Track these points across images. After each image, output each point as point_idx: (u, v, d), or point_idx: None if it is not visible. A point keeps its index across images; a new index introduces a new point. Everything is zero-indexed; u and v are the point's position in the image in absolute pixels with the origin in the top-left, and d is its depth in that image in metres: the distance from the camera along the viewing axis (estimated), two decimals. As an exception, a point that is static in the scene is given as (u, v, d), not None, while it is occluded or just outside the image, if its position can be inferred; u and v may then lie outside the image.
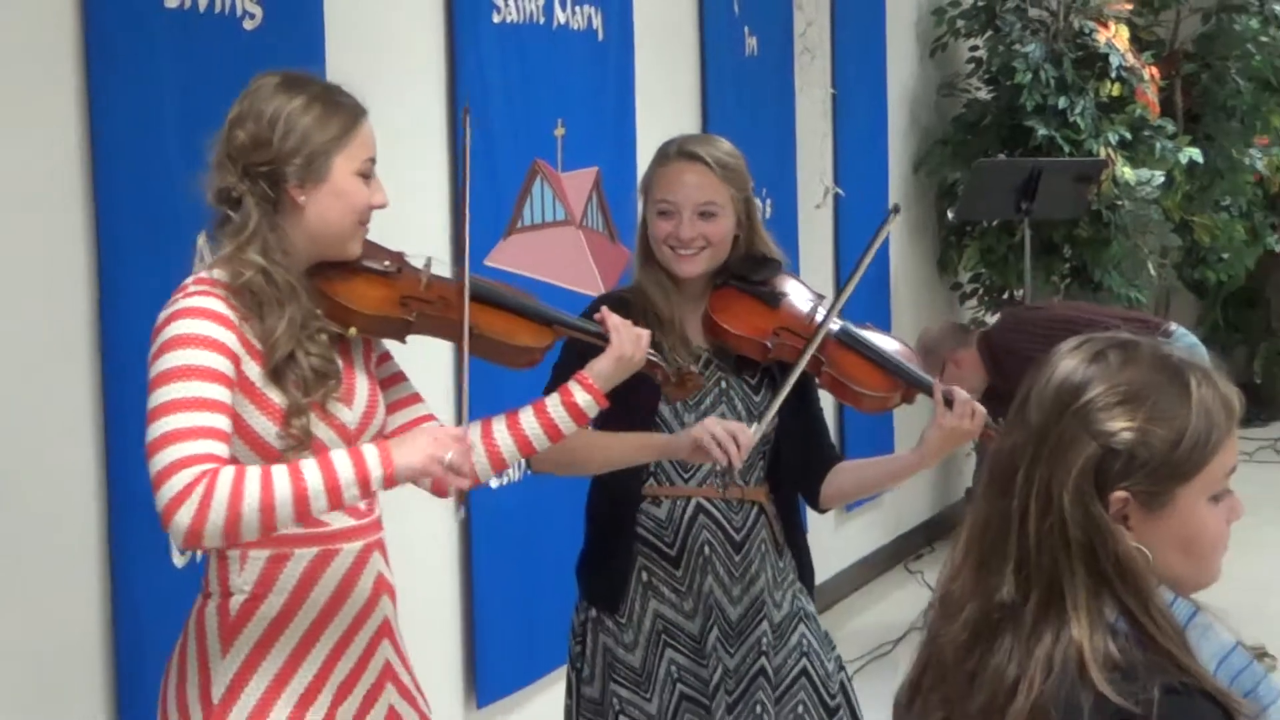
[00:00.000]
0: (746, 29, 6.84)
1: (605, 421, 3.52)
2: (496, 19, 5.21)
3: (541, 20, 5.45)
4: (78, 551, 3.93)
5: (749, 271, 3.59)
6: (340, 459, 2.75)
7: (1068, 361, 2.08)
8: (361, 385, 2.94)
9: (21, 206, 3.75)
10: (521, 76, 5.32)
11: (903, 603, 7.53)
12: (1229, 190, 10.52)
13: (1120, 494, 1.99)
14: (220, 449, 2.69)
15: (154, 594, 4.05)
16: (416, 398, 3.07)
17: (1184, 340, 6.46)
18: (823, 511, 3.94)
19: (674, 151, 3.60)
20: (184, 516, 2.61)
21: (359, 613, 2.93)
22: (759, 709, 3.58)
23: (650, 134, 5.39)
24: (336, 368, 2.88)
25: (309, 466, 2.72)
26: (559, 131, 5.43)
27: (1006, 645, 2.03)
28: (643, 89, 6.05)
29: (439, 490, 3.03)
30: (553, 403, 3.00)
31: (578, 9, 5.69)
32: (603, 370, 3.04)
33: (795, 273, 3.77)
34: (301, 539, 2.90)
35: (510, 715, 5.35)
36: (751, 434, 3.50)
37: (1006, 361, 6.15)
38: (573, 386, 3.01)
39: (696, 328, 3.55)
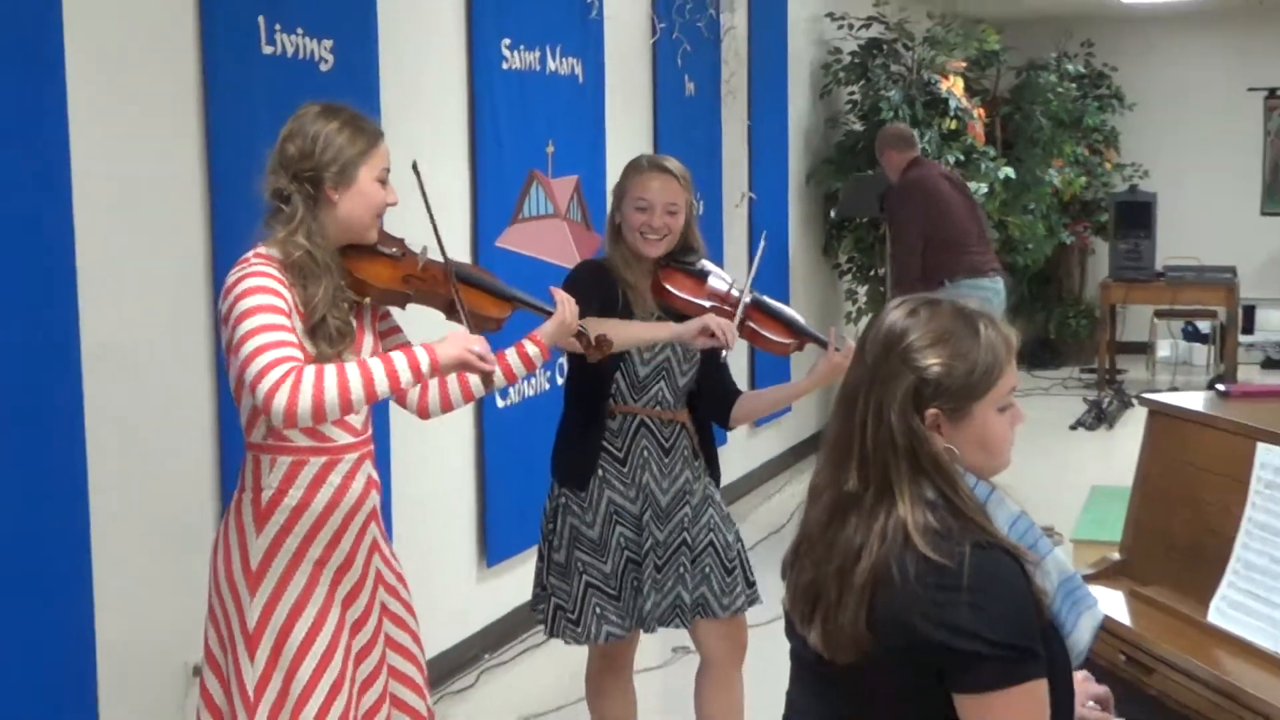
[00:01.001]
0: (686, 76, 6.87)
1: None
2: (505, 66, 5.32)
3: (537, 68, 5.52)
4: (197, 450, 3.89)
5: (684, 256, 3.59)
6: (396, 356, 2.79)
7: (892, 315, 2.17)
8: (367, 340, 3.01)
9: (162, 197, 3.86)
10: (523, 109, 5.37)
11: (794, 494, 7.47)
12: (1033, 199, 10.63)
13: (932, 411, 2.09)
14: (299, 354, 2.72)
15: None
16: (409, 342, 3.05)
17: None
18: (730, 429, 3.96)
19: (647, 165, 3.67)
20: (280, 401, 2.62)
21: (354, 503, 2.96)
22: (680, 569, 3.68)
23: (616, 153, 5.38)
24: (353, 328, 2.94)
25: (373, 362, 2.76)
26: (549, 149, 5.49)
27: (853, 522, 2.11)
28: (610, 119, 6.10)
29: (421, 410, 3.04)
30: (510, 353, 3.00)
31: (564, 60, 5.73)
32: (547, 330, 3.05)
33: (712, 260, 3.80)
34: (315, 450, 2.91)
35: (511, 573, 5.42)
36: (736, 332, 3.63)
37: None
38: (525, 342, 3.04)
39: (647, 294, 3.53)
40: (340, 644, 2.93)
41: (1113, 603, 2.71)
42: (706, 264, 3.79)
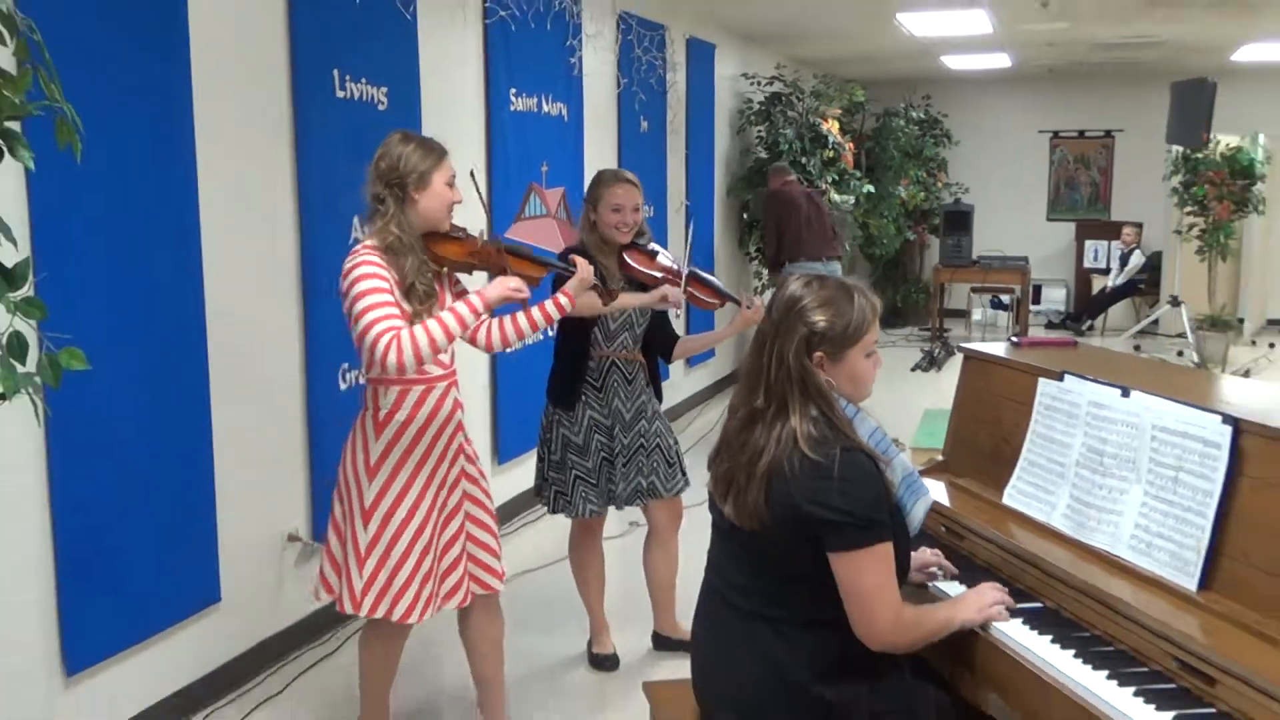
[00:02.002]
0: (641, 117, 6.88)
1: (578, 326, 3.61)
2: (512, 109, 5.40)
3: (535, 110, 5.57)
4: (290, 385, 3.93)
5: (638, 239, 3.59)
6: (458, 305, 2.83)
7: (793, 286, 2.22)
8: (447, 299, 2.95)
9: (264, 200, 3.86)
10: (524, 139, 5.40)
11: (717, 413, 7.44)
12: (887, 208, 10.72)
13: (818, 354, 2.16)
14: (399, 319, 2.75)
15: (327, 404, 4.06)
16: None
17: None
18: (670, 363, 3.98)
19: (617, 177, 3.72)
20: (391, 358, 2.69)
21: (445, 418, 2.98)
22: (639, 464, 3.72)
23: (592, 172, 5.28)
24: (435, 291, 2.92)
25: (444, 314, 2.80)
26: (544, 168, 5.53)
27: (759, 430, 2.16)
28: (588, 148, 6.16)
29: (488, 346, 3.06)
30: (548, 302, 2.98)
31: (554, 104, 5.73)
32: (572, 285, 3.03)
33: (659, 242, 3.81)
34: (415, 381, 2.91)
35: (519, 468, 5.36)
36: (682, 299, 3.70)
37: None
38: (558, 294, 3.00)
39: (615, 269, 3.53)
40: (430, 521, 2.94)
41: (938, 491, 2.74)
42: (654, 245, 3.80)
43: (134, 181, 3.20)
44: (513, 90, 5.32)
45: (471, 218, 3.61)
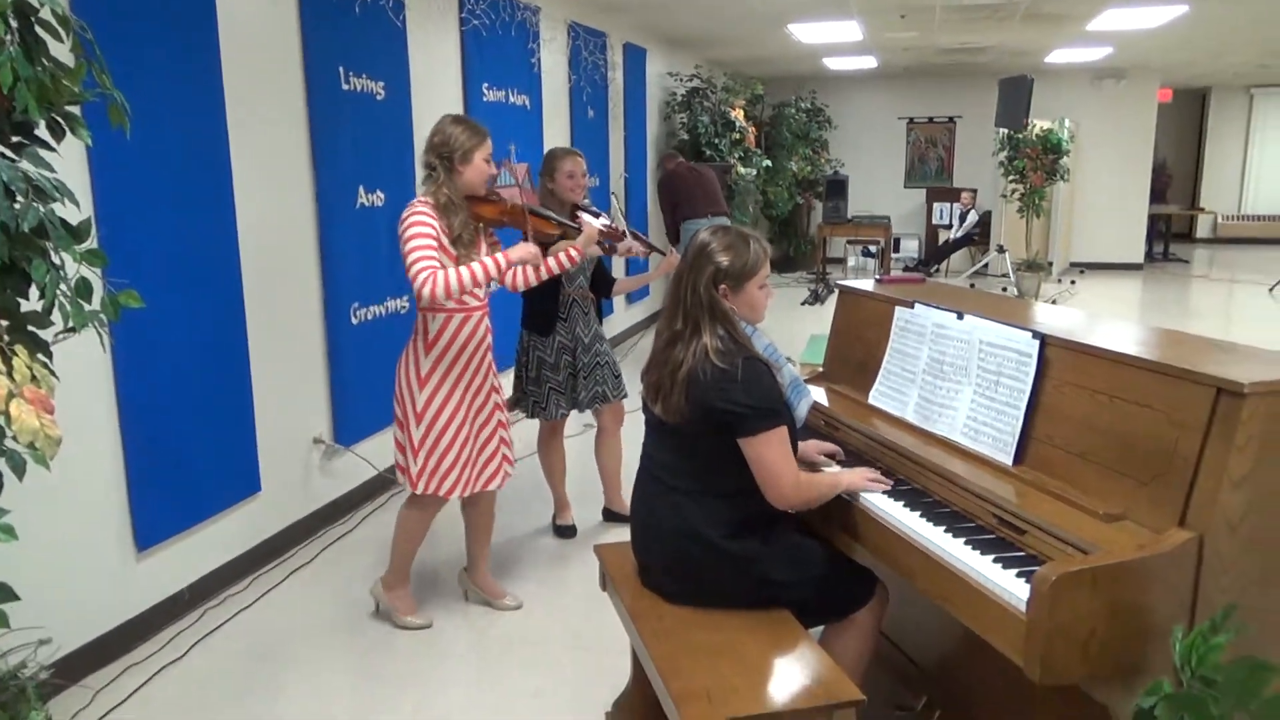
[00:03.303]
0: (589, 107, 6.75)
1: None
2: (485, 100, 5.20)
3: (504, 100, 5.42)
4: (311, 318, 3.81)
5: (585, 206, 3.58)
6: (487, 261, 2.82)
7: (702, 235, 2.23)
8: (483, 247, 2.92)
9: (288, 176, 3.74)
10: (496, 124, 5.14)
11: (649, 339, 7.49)
12: (781, 179, 10.65)
13: (723, 286, 2.15)
14: (437, 263, 2.74)
15: (342, 334, 3.97)
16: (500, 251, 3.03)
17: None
18: (610, 299, 3.86)
19: (567, 152, 3.64)
20: (426, 290, 2.69)
21: (479, 340, 3.00)
22: (596, 377, 3.68)
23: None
24: (475, 240, 2.92)
25: (475, 266, 2.78)
26: (512, 148, 5.36)
27: (679, 347, 2.16)
28: (546, 132, 5.99)
29: (513, 287, 3.05)
30: (561, 255, 3.03)
31: (519, 96, 5.63)
32: (580, 241, 3.11)
33: (601, 209, 3.78)
34: (456, 310, 2.92)
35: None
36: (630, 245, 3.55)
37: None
38: (569, 249, 3.06)
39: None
40: (468, 421, 2.96)
41: (819, 394, 2.75)
42: (595, 208, 3.77)
43: (177, 158, 3.10)
44: (485, 84, 5.19)
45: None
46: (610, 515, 4.00)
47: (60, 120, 1.63)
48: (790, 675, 1.89)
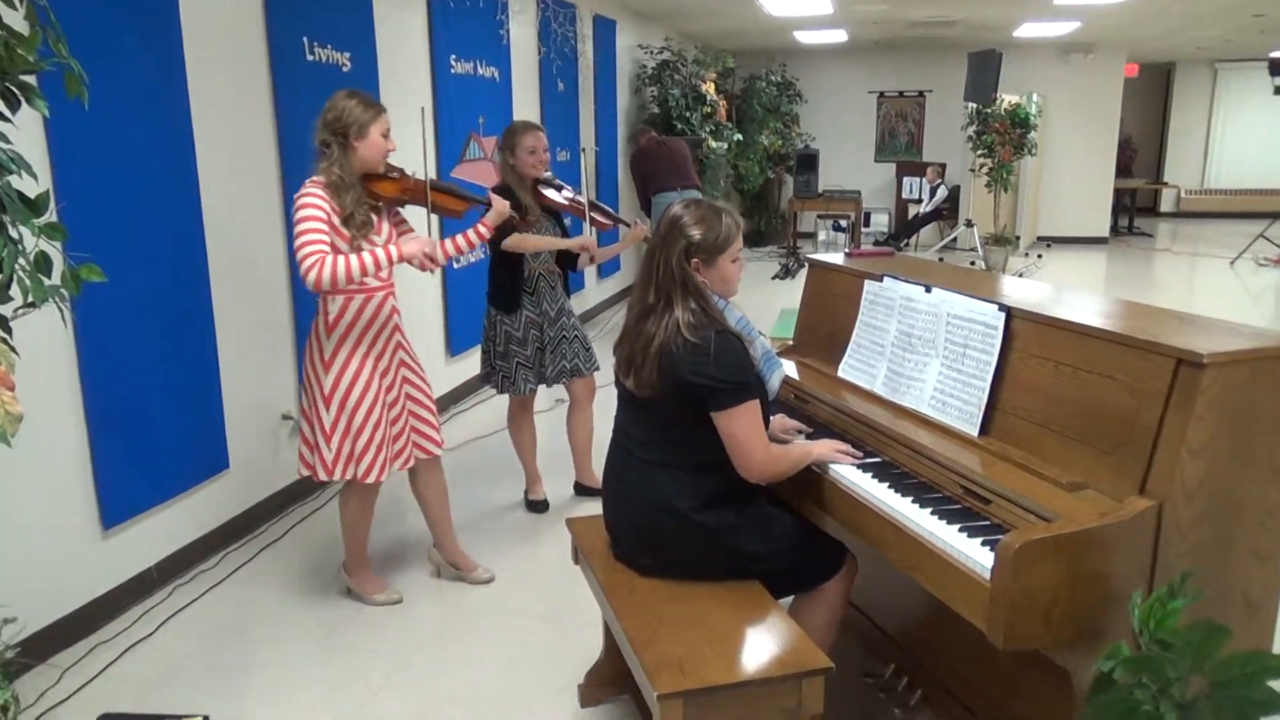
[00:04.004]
0: (559, 80, 6.68)
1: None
2: (453, 71, 5.13)
3: (473, 73, 5.35)
4: (277, 291, 3.81)
5: (549, 179, 3.56)
6: (379, 252, 2.72)
7: (675, 209, 2.20)
8: (385, 228, 2.85)
9: (252, 147, 3.68)
10: (464, 97, 5.22)
11: (622, 313, 7.48)
12: (752, 153, 10.63)
13: (695, 260, 2.13)
14: (327, 248, 2.65)
15: (310, 310, 3.89)
16: (412, 229, 2.93)
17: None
18: (576, 272, 3.81)
19: (527, 127, 3.59)
20: (312, 276, 2.63)
21: (384, 320, 2.90)
22: (563, 351, 3.68)
23: (518, 122, 5.18)
24: (373, 221, 2.81)
25: (366, 256, 2.69)
26: (481, 120, 5.35)
27: (651, 320, 2.14)
28: (515, 104, 5.92)
29: (424, 268, 2.89)
30: (470, 231, 2.92)
31: (487, 68, 5.55)
32: (489, 217, 2.96)
33: (570, 183, 3.76)
34: (356, 291, 2.84)
35: (467, 360, 5.28)
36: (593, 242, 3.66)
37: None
38: (479, 224, 2.94)
39: (532, 200, 3.48)
40: (379, 400, 2.87)
41: (790, 368, 2.76)
42: (558, 181, 3.74)
43: (139, 129, 3.04)
44: (453, 56, 5.12)
45: (421, 142, 3.57)
46: (581, 490, 4.00)
47: (15, 90, 1.59)
48: (760, 645, 1.91)
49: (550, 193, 3.62)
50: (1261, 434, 1.73)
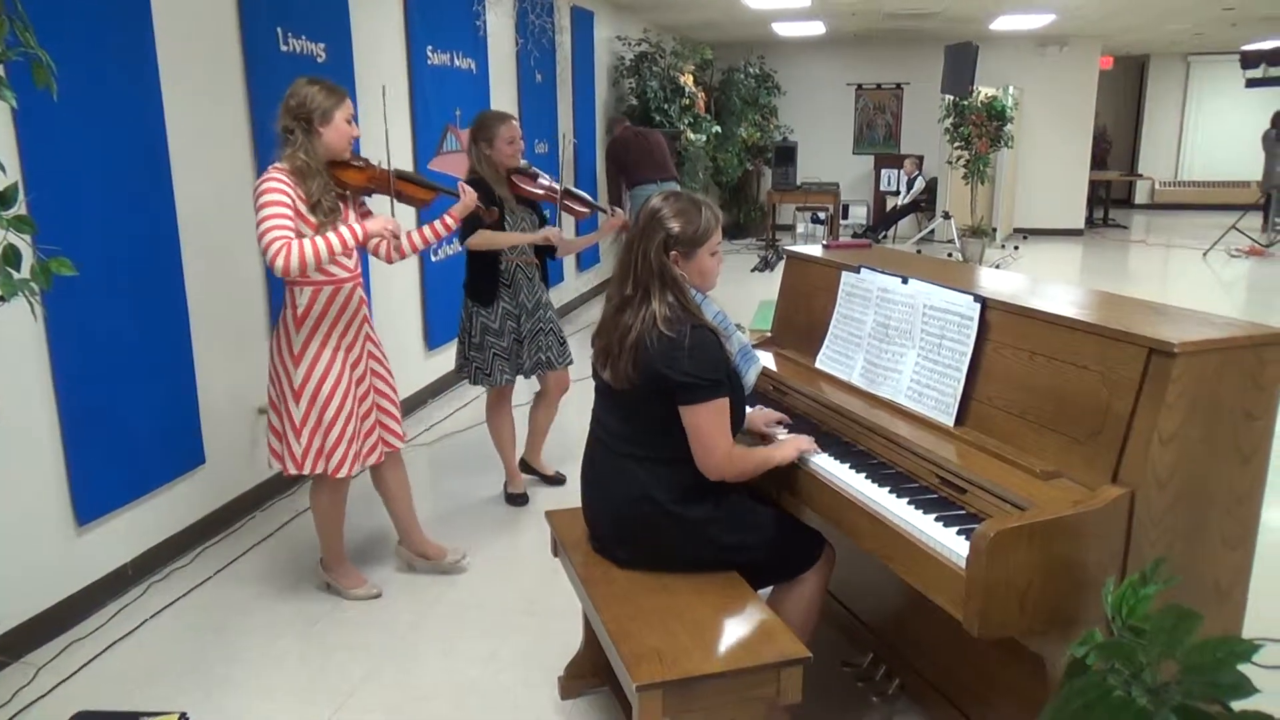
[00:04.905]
0: (537, 71, 6.63)
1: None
2: (430, 63, 5.11)
3: (449, 64, 5.29)
4: (253, 284, 3.80)
5: (523, 168, 3.55)
6: (344, 230, 2.69)
7: (654, 201, 2.19)
8: (351, 216, 2.80)
9: (229, 138, 3.62)
10: (441, 88, 5.19)
11: (600, 305, 7.51)
12: (730, 145, 10.65)
13: (674, 253, 2.13)
14: (291, 234, 2.61)
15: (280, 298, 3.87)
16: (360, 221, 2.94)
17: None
18: (555, 260, 3.82)
19: (502, 118, 3.55)
20: (279, 262, 2.58)
21: (353, 311, 2.87)
22: (539, 343, 3.67)
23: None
24: (339, 208, 2.77)
25: (331, 236, 2.66)
26: (457, 112, 5.31)
27: (628, 313, 2.14)
28: (493, 96, 5.90)
29: (389, 257, 2.90)
30: (437, 221, 2.90)
31: (464, 60, 5.51)
32: (456, 208, 2.95)
33: (548, 172, 3.75)
34: (325, 282, 2.80)
35: (445, 354, 5.24)
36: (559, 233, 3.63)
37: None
38: (445, 215, 2.92)
39: (506, 191, 3.47)
40: (349, 394, 2.85)
41: (768, 359, 2.77)
42: (534, 169, 3.72)
43: (110, 120, 3.00)
44: (430, 48, 5.08)
45: (396, 134, 3.52)
46: (527, 468, 3.99)
47: (-19, 81, 1.57)
48: (740, 635, 1.92)
49: (526, 183, 3.61)
50: (1231, 423, 1.76)
